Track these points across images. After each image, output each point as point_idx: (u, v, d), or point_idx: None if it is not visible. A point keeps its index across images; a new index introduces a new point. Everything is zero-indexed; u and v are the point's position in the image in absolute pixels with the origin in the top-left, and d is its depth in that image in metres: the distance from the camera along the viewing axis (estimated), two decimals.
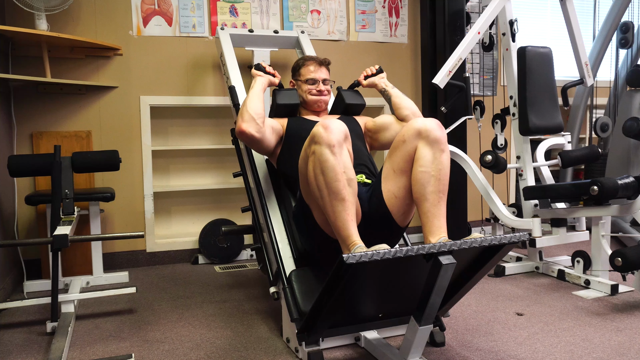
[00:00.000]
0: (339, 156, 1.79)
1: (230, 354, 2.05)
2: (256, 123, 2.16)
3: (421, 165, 1.85)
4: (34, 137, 3.16)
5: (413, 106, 2.41)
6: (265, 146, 2.26)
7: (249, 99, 2.21)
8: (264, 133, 2.20)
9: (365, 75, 2.55)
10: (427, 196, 1.83)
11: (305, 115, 2.48)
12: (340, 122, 1.84)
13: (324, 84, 2.46)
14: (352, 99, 2.53)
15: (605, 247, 2.78)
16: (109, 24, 3.28)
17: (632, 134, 3.04)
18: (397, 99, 2.43)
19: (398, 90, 2.48)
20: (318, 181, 1.80)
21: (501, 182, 4.17)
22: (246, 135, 2.16)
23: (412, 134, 1.89)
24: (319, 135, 1.79)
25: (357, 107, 2.54)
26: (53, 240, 2.09)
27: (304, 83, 2.46)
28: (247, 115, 2.16)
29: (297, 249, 2.22)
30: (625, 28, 4.00)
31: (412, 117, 2.37)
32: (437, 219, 1.83)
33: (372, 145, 2.47)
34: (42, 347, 2.16)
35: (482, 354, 2.00)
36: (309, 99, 2.44)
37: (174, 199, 3.65)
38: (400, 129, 2.24)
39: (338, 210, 1.78)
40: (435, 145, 1.86)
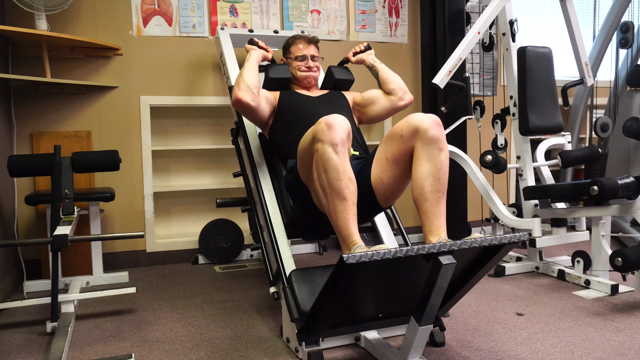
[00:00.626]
0: (342, 155, 1.80)
1: (230, 354, 2.05)
2: (252, 92, 2.26)
3: (420, 164, 1.86)
4: (34, 137, 3.16)
5: (399, 80, 2.52)
6: (259, 115, 2.36)
7: (245, 71, 2.32)
8: (258, 102, 2.30)
9: (354, 52, 2.65)
10: (427, 196, 1.83)
11: (297, 89, 2.57)
12: (343, 120, 1.84)
13: (312, 61, 2.56)
14: (341, 74, 2.65)
15: (605, 247, 2.78)
16: (109, 24, 3.28)
17: (632, 134, 3.04)
18: (384, 73, 2.54)
19: (385, 66, 2.58)
20: (320, 179, 1.82)
21: (501, 182, 4.17)
22: (242, 104, 2.26)
23: (410, 130, 1.89)
24: (323, 133, 1.80)
25: (345, 82, 2.66)
26: (53, 240, 2.09)
27: (294, 60, 2.57)
28: (244, 85, 2.26)
29: (288, 216, 2.30)
30: (625, 28, 4.00)
31: (398, 90, 2.49)
32: (437, 219, 1.83)
33: (360, 120, 2.58)
34: (42, 347, 2.16)
35: (482, 354, 2.00)
36: (299, 75, 2.55)
37: (174, 199, 3.65)
38: (387, 102, 2.50)
39: (339, 209, 1.79)
40: (434, 144, 1.86)
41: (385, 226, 2.50)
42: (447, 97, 3.60)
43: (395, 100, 2.51)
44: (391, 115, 2.58)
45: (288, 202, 2.32)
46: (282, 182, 2.36)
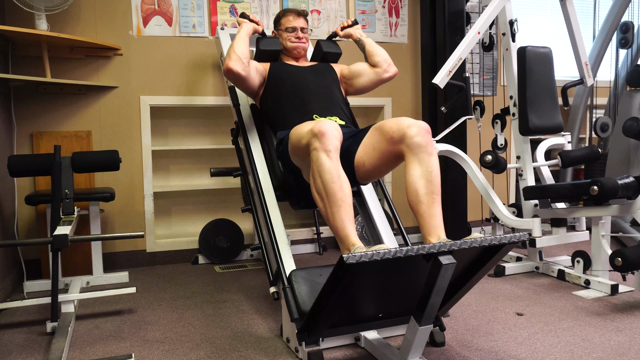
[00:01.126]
0: (335, 160, 1.88)
1: (230, 354, 2.05)
2: (242, 62, 2.38)
3: (411, 169, 1.92)
4: (34, 137, 3.16)
5: (385, 54, 2.65)
6: (249, 84, 2.48)
7: (236, 42, 2.43)
8: (249, 72, 2.42)
9: (342, 27, 2.75)
10: (421, 198, 1.89)
11: (286, 61, 2.68)
12: (335, 126, 1.92)
13: (302, 32, 2.66)
14: (329, 47, 2.77)
15: (605, 247, 2.78)
16: (109, 24, 3.28)
17: (632, 134, 3.04)
18: (370, 47, 2.66)
19: (372, 40, 2.70)
20: (317, 184, 1.88)
21: (501, 182, 4.17)
22: (233, 73, 2.38)
23: (399, 136, 1.97)
24: (317, 142, 1.88)
25: (333, 55, 2.78)
26: (53, 240, 2.09)
27: (284, 31, 2.67)
28: (235, 55, 2.38)
29: (277, 179, 2.43)
30: (625, 28, 4.00)
31: (383, 63, 2.61)
32: (433, 219, 1.87)
33: (347, 91, 2.70)
34: (42, 347, 2.16)
35: (482, 354, 2.00)
36: (289, 45, 2.65)
37: (174, 199, 3.65)
38: (373, 74, 2.63)
39: (335, 212, 1.84)
40: (422, 150, 1.92)
41: (385, 226, 2.50)
42: (447, 97, 3.60)
43: (381, 72, 2.62)
44: (377, 86, 2.69)
45: (278, 168, 2.43)
46: (273, 149, 2.49)
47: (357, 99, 3.78)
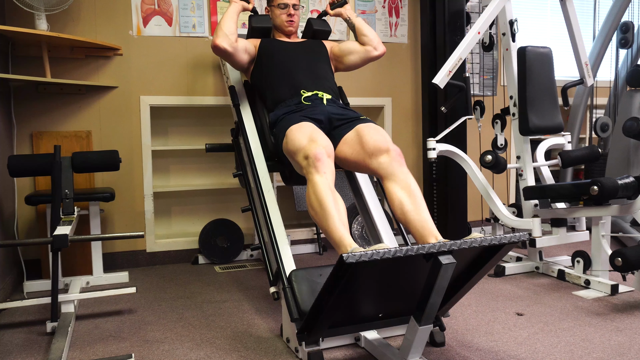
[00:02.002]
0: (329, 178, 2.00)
1: (230, 354, 2.05)
2: (229, 38, 2.47)
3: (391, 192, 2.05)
4: (34, 137, 3.16)
5: (374, 33, 2.72)
6: (238, 60, 2.56)
7: (223, 20, 2.51)
8: (236, 48, 2.50)
9: (331, 3, 2.81)
10: (407, 208, 1.99)
11: (278, 37, 2.76)
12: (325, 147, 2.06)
13: (294, 9, 2.71)
14: (319, 25, 2.83)
15: (605, 247, 2.78)
16: (109, 24, 3.28)
17: (632, 134, 3.04)
18: (360, 25, 2.72)
19: (361, 20, 2.76)
20: (312, 201, 1.97)
21: (501, 182, 4.17)
22: (219, 49, 2.46)
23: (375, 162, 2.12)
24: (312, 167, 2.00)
25: (323, 32, 2.84)
26: (53, 240, 2.09)
27: (277, 7, 2.72)
28: (221, 32, 2.47)
29: (269, 150, 2.52)
30: (625, 28, 4.00)
31: (372, 41, 2.69)
32: (426, 224, 1.95)
33: (337, 67, 2.78)
34: (42, 347, 2.16)
35: (482, 354, 2.00)
36: (280, 22, 2.72)
37: (174, 199, 3.65)
38: (362, 52, 2.70)
39: (331, 223, 1.91)
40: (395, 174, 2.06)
41: (385, 226, 2.50)
42: (447, 97, 3.60)
43: (370, 50, 2.70)
44: (366, 64, 2.77)
45: (270, 139, 2.52)
46: (265, 121, 2.61)
47: (357, 99, 3.78)
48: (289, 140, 2.19)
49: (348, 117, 2.36)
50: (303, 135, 2.13)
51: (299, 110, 2.37)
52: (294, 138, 2.16)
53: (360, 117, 2.36)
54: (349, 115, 2.37)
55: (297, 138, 2.14)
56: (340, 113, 2.38)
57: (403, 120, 4.01)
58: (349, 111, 2.42)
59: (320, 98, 2.44)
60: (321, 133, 2.18)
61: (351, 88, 3.74)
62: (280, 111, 2.43)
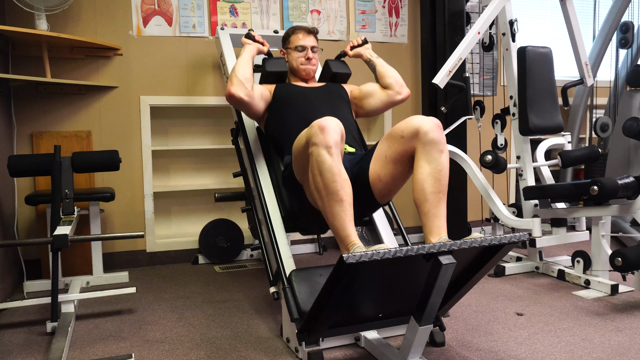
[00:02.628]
0: (336, 157, 1.81)
1: (230, 354, 2.05)
2: (244, 87, 2.28)
3: (420, 166, 1.87)
4: (34, 137, 3.16)
5: (396, 75, 2.53)
6: (254, 109, 2.37)
7: (238, 65, 2.33)
8: (252, 96, 2.32)
9: (351, 46, 2.65)
10: (427, 197, 1.84)
11: (294, 82, 2.57)
12: (336, 122, 1.86)
13: (312, 52, 2.54)
14: (338, 68, 2.64)
15: (605, 247, 2.78)
16: (109, 24, 3.28)
17: (632, 134, 3.04)
18: (381, 68, 2.55)
19: (382, 60, 2.59)
20: (316, 182, 1.82)
21: (501, 182, 4.17)
22: (235, 99, 2.28)
23: (411, 132, 1.90)
24: (317, 137, 1.81)
25: (343, 75, 2.65)
26: (53, 240, 2.09)
27: (293, 50, 2.55)
28: (236, 80, 2.28)
29: (286, 209, 2.33)
30: (625, 28, 4.00)
31: (395, 85, 2.50)
32: (437, 219, 1.84)
33: (357, 113, 2.59)
34: (42, 347, 2.16)
35: (482, 354, 2.00)
36: (297, 66, 2.53)
37: (174, 199, 3.65)
38: (384, 96, 2.51)
39: (336, 211, 1.80)
40: (434, 147, 1.87)
41: (385, 226, 2.50)
42: (447, 97, 3.60)
43: (393, 95, 2.52)
44: (388, 109, 2.61)
45: (286, 196, 2.35)
46: (280, 177, 2.38)
47: None
48: (295, 145, 2.02)
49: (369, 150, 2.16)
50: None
51: None
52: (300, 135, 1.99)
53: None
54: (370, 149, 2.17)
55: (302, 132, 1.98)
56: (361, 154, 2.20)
57: None
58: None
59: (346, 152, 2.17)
60: None
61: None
62: None
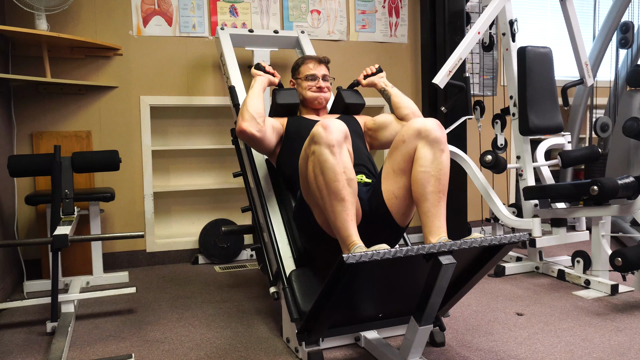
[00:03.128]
0: (339, 156, 1.78)
1: (230, 354, 2.05)
2: (257, 122, 2.16)
3: (421, 165, 1.85)
4: (34, 137, 3.16)
5: (413, 105, 2.42)
6: (266, 145, 2.26)
7: (249, 99, 2.21)
8: (264, 132, 2.20)
9: (365, 75, 2.56)
10: (427, 196, 1.83)
11: (305, 114, 2.47)
12: (340, 122, 1.85)
13: (323, 81, 2.46)
14: (351, 98, 2.53)
15: (605, 247, 2.78)
16: (109, 24, 3.28)
17: (632, 134, 3.04)
18: (396, 98, 2.44)
19: (397, 90, 2.49)
20: (318, 181, 1.80)
21: (501, 182, 4.17)
22: (247, 135, 2.17)
23: (412, 133, 1.89)
24: (319, 135, 1.79)
25: (356, 106, 2.54)
26: (53, 240, 2.09)
27: (304, 80, 2.45)
28: (248, 115, 2.16)
29: (298, 249, 2.21)
30: (625, 28, 4.00)
31: (412, 116, 2.37)
32: (437, 219, 1.83)
33: (371, 145, 2.47)
34: (42, 347, 2.16)
35: (482, 354, 2.00)
36: (309, 95, 2.44)
37: (174, 199, 3.65)
38: (399, 128, 2.32)
39: (338, 210, 1.78)
40: (435, 145, 1.86)
41: None
42: (447, 97, 3.60)
43: None
44: None
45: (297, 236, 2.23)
46: (291, 214, 2.27)
47: None
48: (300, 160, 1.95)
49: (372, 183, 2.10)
50: None
51: None
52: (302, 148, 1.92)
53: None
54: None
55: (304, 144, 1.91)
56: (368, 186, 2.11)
57: None
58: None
59: (361, 183, 2.08)
60: None
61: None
62: None
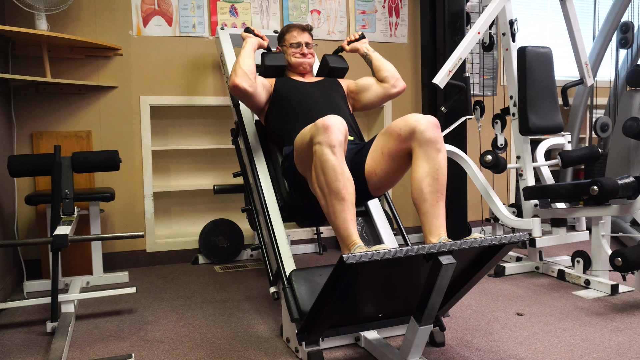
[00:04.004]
0: (340, 156, 1.82)
1: (230, 354, 2.05)
2: (249, 78, 2.33)
3: (418, 165, 1.87)
4: (34, 137, 3.16)
5: (392, 68, 2.60)
6: (256, 101, 2.42)
7: (242, 58, 2.38)
8: (255, 88, 2.37)
9: (349, 41, 2.72)
10: (426, 196, 1.84)
11: (292, 76, 2.63)
12: (340, 120, 1.87)
13: (307, 47, 2.61)
14: (335, 62, 2.70)
15: (605, 247, 2.78)
16: (109, 24, 3.28)
17: (632, 134, 3.04)
18: (377, 62, 2.62)
19: (379, 55, 2.65)
20: (319, 180, 1.84)
21: (501, 182, 4.17)
22: (240, 90, 2.32)
23: (408, 131, 1.92)
24: (320, 135, 1.83)
25: (340, 70, 2.72)
26: (53, 240, 2.09)
27: (289, 47, 2.62)
28: (241, 71, 2.33)
29: (283, 199, 2.35)
30: (625, 28, 4.00)
31: (391, 78, 2.56)
32: (436, 219, 1.84)
33: (354, 107, 2.65)
34: (42, 347, 2.16)
35: (482, 354, 2.00)
36: (294, 61, 2.60)
37: (174, 199, 3.65)
38: (380, 90, 2.57)
39: (338, 210, 1.80)
40: (432, 146, 1.88)
41: (385, 226, 2.50)
42: (447, 97, 3.60)
43: (389, 88, 2.58)
44: (384, 102, 2.66)
45: (284, 186, 2.37)
46: (278, 168, 2.42)
47: None
48: (297, 140, 2.06)
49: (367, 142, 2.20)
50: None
51: None
52: (302, 131, 2.02)
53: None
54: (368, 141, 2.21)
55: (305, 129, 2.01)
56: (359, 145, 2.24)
57: None
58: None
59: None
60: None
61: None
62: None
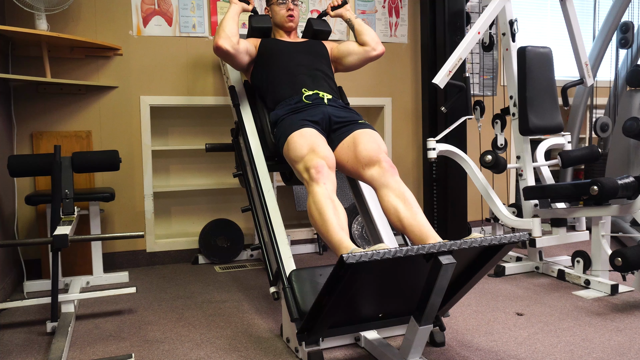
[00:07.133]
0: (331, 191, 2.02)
1: (230, 354, 2.05)
2: (231, 40, 2.47)
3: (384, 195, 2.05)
4: (34, 137, 3.16)
5: (373, 33, 2.75)
6: (239, 61, 2.58)
7: (224, 21, 2.52)
8: (237, 49, 2.51)
9: (332, 6, 2.84)
10: (403, 214, 1.98)
11: (278, 37, 2.77)
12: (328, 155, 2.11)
13: (293, 4, 2.74)
14: (319, 25, 2.84)
15: (605, 247, 2.78)
16: (109, 24, 3.28)
17: (632, 134, 3.04)
18: (359, 27, 2.76)
19: (361, 20, 2.80)
20: (312, 211, 1.98)
21: (501, 182, 4.17)
22: (222, 50, 2.47)
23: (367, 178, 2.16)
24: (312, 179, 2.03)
25: (324, 33, 2.85)
26: (53, 240, 2.09)
27: (276, 5, 2.74)
28: (223, 33, 2.48)
29: (269, 149, 2.56)
30: (625, 28, 4.00)
31: (371, 42, 2.71)
32: (423, 227, 1.94)
33: (336, 68, 2.80)
34: (42, 347, 2.16)
35: (482, 354, 2.00)
36: (280, 17, 2.73)
37: (174, 199, 3.65)
38: (362, 52, 2.72)
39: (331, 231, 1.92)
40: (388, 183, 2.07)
41: (385, 226, 2.50)
42: (447, 97, 3.60)
43: (369, 50, 2.72)
44: (364, 64, 2.79)
45: (270, 138, 2.56)
46: (265, 120, 2.63)
47: (357, 99, 3.78)
48: (290, 148, 2.20)
49: (347, 120, 2.35)
50: (304, 143, 2.14)
51: (300, 111, 2.37)
52: (295, 146, 2.17)
53: (358, 121, 2.35)
54: (348, 119, 2.36)
55: (298, 146, 2.15)
56: (340, 115, 2.37)
57: (403, 120, 4.01)
58: (349, 112, 2.42)
59: (321, 98, 2.43)
60: (322, 141, 2.19)
61: (351, 88, 3.74)
62: (280, 111, 2.43)
